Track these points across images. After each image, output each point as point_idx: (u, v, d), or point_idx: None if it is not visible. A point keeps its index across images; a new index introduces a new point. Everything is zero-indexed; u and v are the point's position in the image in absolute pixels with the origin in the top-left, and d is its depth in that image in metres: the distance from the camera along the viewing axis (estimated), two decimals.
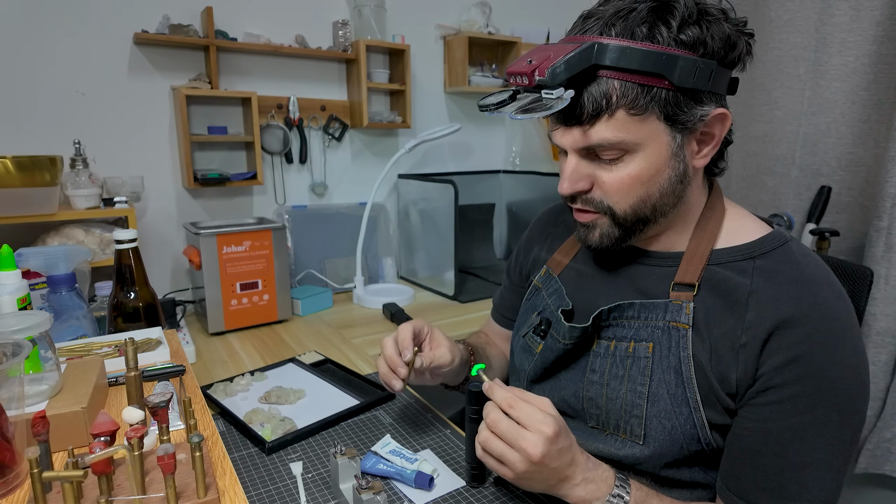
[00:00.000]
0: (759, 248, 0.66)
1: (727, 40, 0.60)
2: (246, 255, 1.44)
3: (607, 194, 0.65)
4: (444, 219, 1.75)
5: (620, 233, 0.68)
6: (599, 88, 0.59)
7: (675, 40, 0.57)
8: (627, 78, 0.58)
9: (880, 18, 1.46)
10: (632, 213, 0.65)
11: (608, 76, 0.58)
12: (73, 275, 1.06)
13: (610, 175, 0.64)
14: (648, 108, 0.59)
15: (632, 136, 0.60)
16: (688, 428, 0.65)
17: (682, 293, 0.67)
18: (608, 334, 0.71)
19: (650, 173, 0.63)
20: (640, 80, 0.58)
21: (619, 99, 0.59)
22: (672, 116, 0.60)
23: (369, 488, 0.67)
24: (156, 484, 0.54)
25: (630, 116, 0.59)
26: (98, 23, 1.45)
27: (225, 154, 1.68)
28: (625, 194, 0.64)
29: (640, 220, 0.66)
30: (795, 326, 0.60)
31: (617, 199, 0.65)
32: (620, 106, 0.59)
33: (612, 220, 0.67)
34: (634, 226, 0.67)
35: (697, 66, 0.58)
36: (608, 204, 0.66)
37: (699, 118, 0.61)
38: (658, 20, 0.58)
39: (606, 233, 0.68)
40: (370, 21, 1.76)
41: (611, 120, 0.60)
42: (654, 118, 0.60)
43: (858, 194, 1.57)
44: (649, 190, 0.64)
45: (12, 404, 0.57)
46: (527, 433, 0.59)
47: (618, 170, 0.63)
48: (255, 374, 1.10)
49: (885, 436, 1.42)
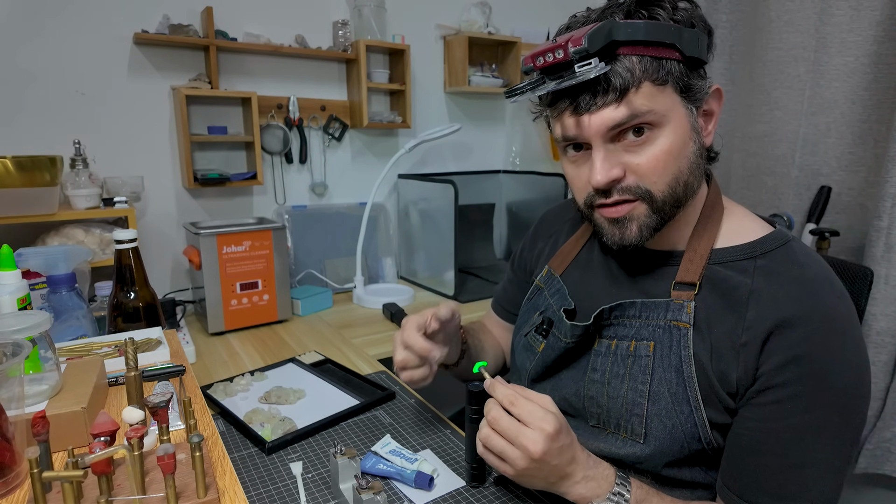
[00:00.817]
0: (760, 248, 0.66)
1: (705, 21, 0.64)
2: (246, 255, 1.44)
3: (644, 176, 0.63)
4: (444, 219, 1.75)
5: (657, 220, 0.66)
6: (623, 64, 0.60)
7: (672, 19, 0.60)
8: (644, 52, 0.60)
9: (880, 18, 1.46)
10: (669, 193, 0.64)
11: (627, 52, 0.60)
12: (73, 275, 1.06)
13: (641, 156, 0.63)
14: (667, 80, 0.61)
15: (659, 106, 0.61)
16: (688, 427, 0.65)
17: (683, 292, 0.67)
18: (609, 333, 0.71)
19: (679, 146, 0.63)
20: (655, 53, 0.60)
21: (642, 72, 0.60)
22: (686, 88, 0.62)
23: (369, 488, 0.67)
24: (156, 484, 0.54)
25: (654, 87, 0.61)
26: (98, 23, 1.45)
27: (225, 154, 1.68)
28: (661, 172, 0.63)
29: (675, 201, 0.65)
30: (796, 326, 0.60)
31: (655, 179, 0.63)
32: (644, 78, 0.60)
33: (651, 205, 0.65)
34: (671, 209, 0.66)
35: (699, 37, 0.62)
36: (646, 187, 0.64)
37: (704, 91, 0.64)
38: (651, 4, 0.61)
39: (644, 223, 0.65)
40: (370, 21, 1.76)
41: (638, 93, 0.60)
42: (671, 91, 0.62)
43: (858, 194, 1.57)
44: (680, 165, 0.64)
45: (12, 404, 0.57)
46: (528, 430, 0.60)
47: (649, 149, 0.63)
48: (255, 374, 1.10)
49: (885, 436, 1.42)
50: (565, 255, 0.84)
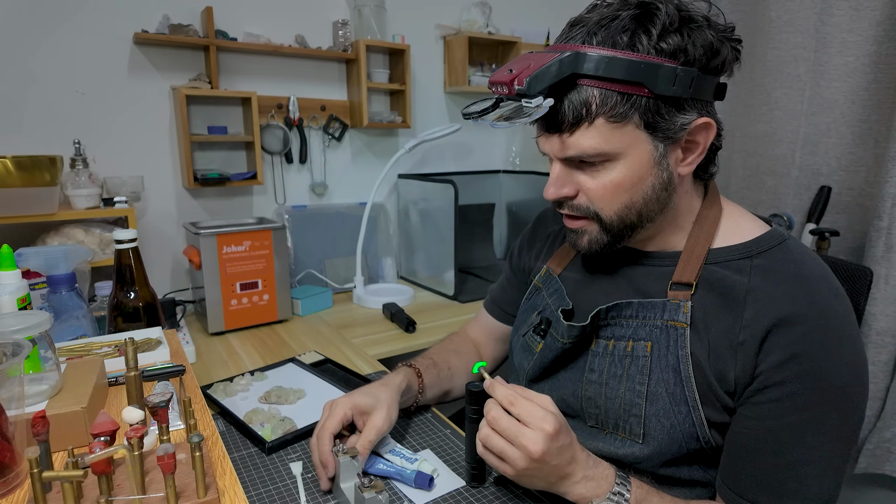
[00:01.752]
0: (756, 247, 0.66)
1: (710, 48, 0.60)
2: (246, 255, 1.44)
3: (592, 200, 0.66)
4: (444, 219, 1.75)
5: (609, 238, 0.68)
6: (579, 96, 0.60)
7: (655, 48, 0.58)
8: (607, 86, 0.59)
9: (880, 18, 1.46)
10: (618, 219, 0.66)
11: (588, 84, 0.59)
12: (73, 275, 1.06)
13: (593, 181, 0.65)
14: (628, 116, 0.60)
15: (611, 144, 0.61)
16: (686, 426, 0.65)
17: (679, 292, 0.67)
18: (607, 333, 0.71)
19: (632, 181, 0.63)
20: (620, 89, 0.59)
21: (598, 107, 0.59)
22: (652, 124, 0.61)
23: (371, 487, 0.67)
24: (156, 484, 0.54)
25: (610, 124, 0.60)
26: (98, 23, 1.45)
27: (225, 154, 1.68)
28: (609, 200, 0.65)
29: (627, 226, 0.67)
30: (793, 324, 0.60)
31: (602, 206, 0.66)
32: (600, 114, 0.60)
33: (600, 225, 0.68)
34: (622, 231, 0.68)
35: (677, 74, 0.59)
36: (594, 210, 0.67)
37: (680, 127, 0.62)
38: (639, 28, 0.58)
39: (595, 238, 0.69)
40: (370, 21, 1.76)
41: (590, 128, 0.60)
42: (633, 126, 0.61)
43: (858, 194, 1.57)
44: (633, 196, 0.65)
45: (12, 404, 0.57)
46: (527, 430, 0.60)
47: (600, 176, 0.64)
48: (255, 374, 1.10)
49: (885, 436, 1.42)
50: (563, 255, 0.85)
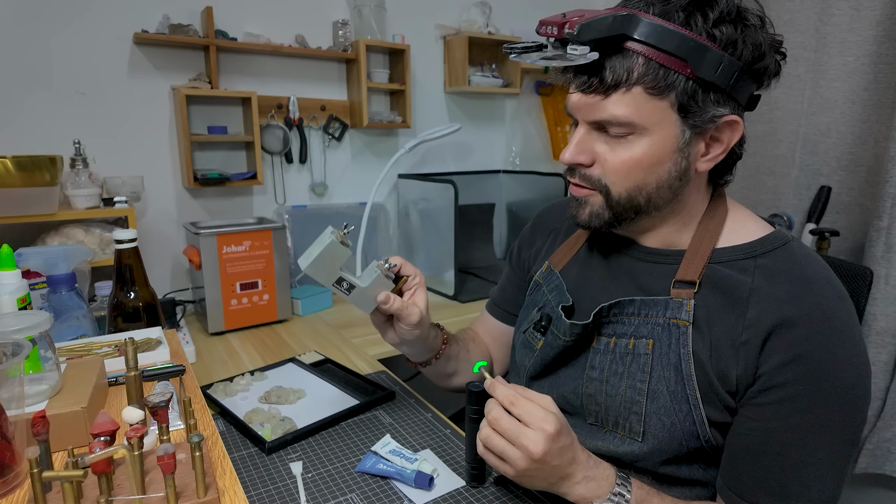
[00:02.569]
0: (760, 248, 0.66)
1: (759, 49, 0.61)
2: (246, 255, 1.44)
3: (606, 173, 0.66)
4: (444, 219, 1.75)
5: (610, 216, 0.68)
6: (624, 60, 0.59)
7: (707, 32, 0.59)
8: (652, 56, 0.59)
9: (880, 18, 1.46)
10: (626, 198, 0.66)
11: (635, 49, 0.59)
12: (73, 275, 1.06)
13: (612, 154, 0.64)
14: (665, 93, 0.60)
15: (643, 117, 0.61)
16: (687, 425, 0.65)
17: (682, 290, 0.67)
18: (608, 331, 0.71)
19: (651, 161, 0.63)
20: (664, 62, 0.59)
21: (640, 76, 0.59)
22: (685, 108, 0.61)
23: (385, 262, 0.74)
24: (156, 484, 0.54)
25: (646, 95, 0.60)
26: (98, 23, 1.45)
27: (225, 154, 1.68)
28: (623, 176, 0.64)
29: (632, 207, 0.66)
30: (796, 326, 0.60)
31: (614, 180, 0.65)
32: (640, 83, 0.59)
33: (606, 200, 0.67)
34: (626, 212, 0.67)
35: (722, 62, 0.59)
36: (605, 183, 0.66)
37: (710, 118, 0.62)
38: (696, 9, 0.59)
39: (597, 213, 0.68)
40: (370, 21, 1.76)
41: (627, 94, 0.60)
42: (668, 105, 0.61)
43: (858, 194, 1.57)
44: (647, 178, 0.64)
45: (12, 404, 0.57)
46: (528, 430, 0.59)
47: (621, 150, 0.63)
48: (255, 374, 1.10)
49: (885, 436, 1.42)
50: (565, 251, 0.84)
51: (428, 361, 0.89)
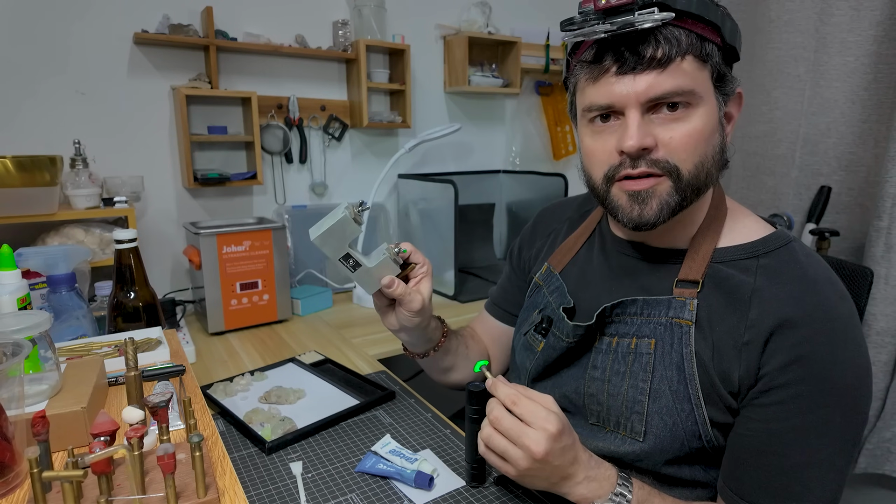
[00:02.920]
0: (762, 248, 0.66)
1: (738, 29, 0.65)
2: (246, 255, 1.44)
3: (674, 151, 0.62)
4: (444, 219, 1.75)
5: (678, 201, 0.64)
6: (671, 33, 0.60)
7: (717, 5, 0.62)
8: (692, 26, 0.60)
9: (880, 18, 1.46)
10: (694, 175, 0.63)
11: (676, 23, 0.59)
12: (73, 275, 1.06)
13: (675, 131, 0.62)
14: (707, 60, 0.61)
15: (699, 85, 0.61)
16: (689, 425, 0.65)
17: (685, 290, 0.67)
18: (610, 331, 0.71)
19: (709, 131, 0.63)
20: (701, 31, 0.60)
21: (688, 45, 0.60)
22: (721, 76, 0.63)
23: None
24: (156, 484, 0.54)
25: (697, 62, 0.61)
26: (98, 23, 1.45)
27: (225, 154, 1.68)
28: (691, 151, 0.63)
29: (697, 186, 0.64)
30: (798, 326, 0.60)
31: (684, 157, 0.62)
32: (689, 51, 0.60)
33: (676, 183, 0.63)
34: (691, 194, 0.64)
35: (737, 30, 0.63)
36: (674, 163, 0.62)
37: (732, 88, 0.65)
38: None
39: (665, 202, 0.63)
40: (370, 21, 1.76)
41: (682, 64, 0.60)
42: (708, 76, 0.62)
43: (858, 194, 1.57)
44: (707, 150, 0.64)
45: (12, 404, 0.57)
46: (530, 430, 0.59)
47: (680, 126, 0.62)
48: (255, 374, 1.10)
49: (885, 436, 1.42)
50: (565, 252, 0.84)
51: (426, 353, 0.89)
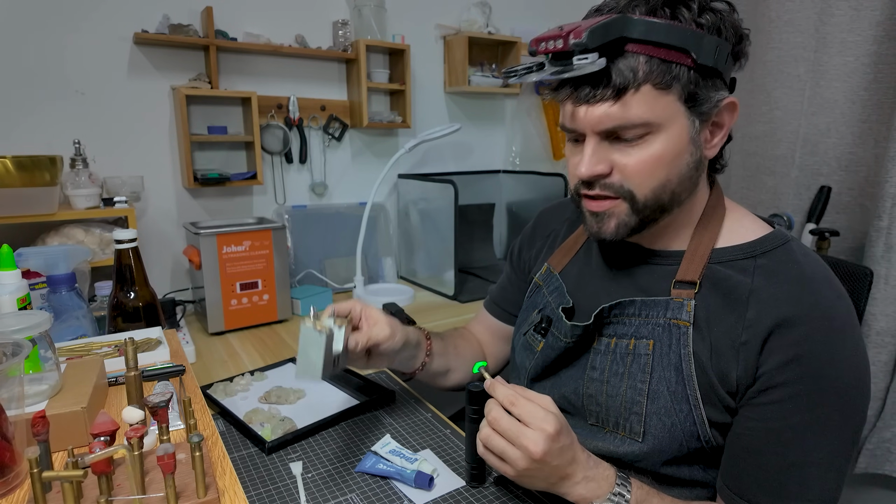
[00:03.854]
0: (760, 248, 0.66)
1: (738, 31, 0.63)
2: (246, 255, 1.44)
3: (629, 177, 0.64)
4: (444, 219, 1.75)
5: (637, 221, 0.66)
6: (627, 62, 0.59)
7: (695, 21, 0.59)
8: (653, 52, 0.59)
9: (880, 18, 1.46)
10: (652, 198, 0.64)
11: (635, 50, 0.59)
12: (73, 275, 1.06)
13: (631, 157, 0.63)
14: (672, 85, 0.60)
15: (656, 114, 0.61)
16: (688, 425, 0.65)
17: (683, 291, 0.67)
18: (609, 331, 0.71)
19: (671, 155, 0.63)
20: (665, 56, 0.59)
21: (645, 74, 0.59)
22: (692, 97, 0.61)
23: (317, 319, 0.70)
24: (156, 484, 0.54)
25: (655, 91, 0.60)
26: (98, 23, 1.45)
27: (225, 154, 1.68)
28: (647, 176, 0.63)
29: (658, 207, 0.65)
30: (796, 326, 0.60)
31: (639, 182, 0.64)
32: (647, 81, 0.59)
33: (631, 206, 0.65)
34: (652, 213, 0.66)
35: (718, 46, 0.60)
36: (629, 188, 0.64)
37: (715, 103, 0.63)
38: (678, 3, 0.59)
39: (623, 221, 0.66)
40: (370, 21, 1.76)
41: (636, 94, 0.60)
42: (675, 98, 0.61)
43: (858, 194, 1.57)
44: (669, 174, 0.64)
45: (12, 404, 0.57)
46: (528, 430, 0.59)
47: (638, 151, 0.62)
48: (255, 374, 1.10)
49: (885, 436, 1.42)
50: (564, 252, 0.84)
51: (423, 364, 0.89)
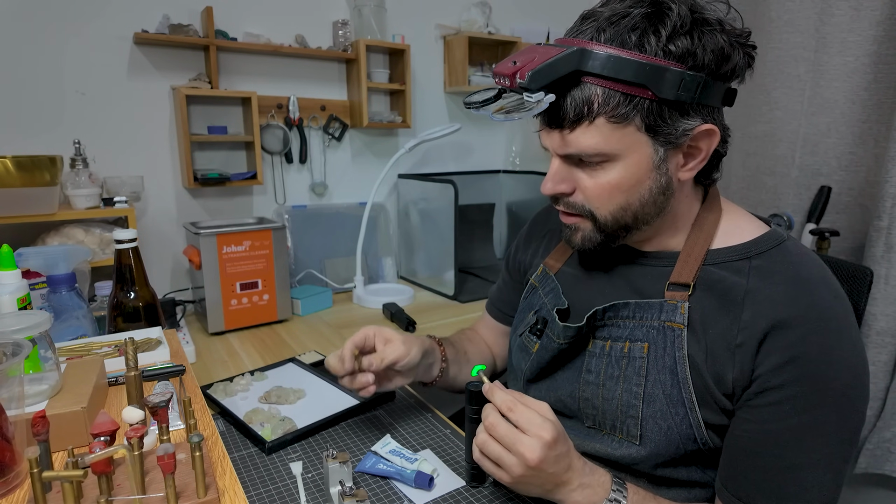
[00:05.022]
0: (755, 248, 0.66)
1: (720, 53, 0.59)
2: (246, 255, 1.44)
3: (588, 199, 0.66)
4: (444, 219, 1.75)
5: (602, 238, 0.69)
6: (582, 94, 0.59)
7: (663, 50, 0.57)
8: (610, 86, 0.58)
9: (880, 18, 1.46)
10: (612, 220, 0.66)
11: (592, 82, 0.59)
12: (73, 275, 1.06)
13: (590, 181, 0.65)
14: (630, 117, 0.59)
15: (611, 145, 0.61)
16: (684, 428, 0.65)
17: (677, 293, 0.67)
18: (603, 334, 0.71)
19: (630, 183, 0.63)
20: (624, 89, 0.58)
21: (600, 106, 0.59)
22: (654, 127, 0.60)
23: (353, 496, 0.67)
24: (156, 484, 0.54)
25: (611, 124, 0.60)
26: (98, 23, 1.45)
27: (225, 154, 1.68)
28: (605, 200, 0.65)
29: (621, 227, 0.67)
30: (792, 327, 0.60)
31: (598, 205, 0.66)
32: (601, 113, 0.59)
33: (594, 224, 0.68)
34: (616, 232, 0.68)
35: (683, 79, 0.58)
36: (589, 209, 0.67)
37: (682, 132, 0.61)
38: (649, 27, 0.57)
39: (589, 237, 0.69)
40: (370, 21, 1.76)
41: (591, 126, 0.60)
42: (634, 129, 0.60)
43: (858, 194, 1.57)
44: (629, 199, 0.65)
45: (12, 404, 0.57)
46: (525, 437, 0.59)
47: (598, 176, 0.64)
48: (255, 374, 1.10)
49: (885, 436, 1.42)
50: (560, 254, 0.85)
51: (440, 372, 0.91)
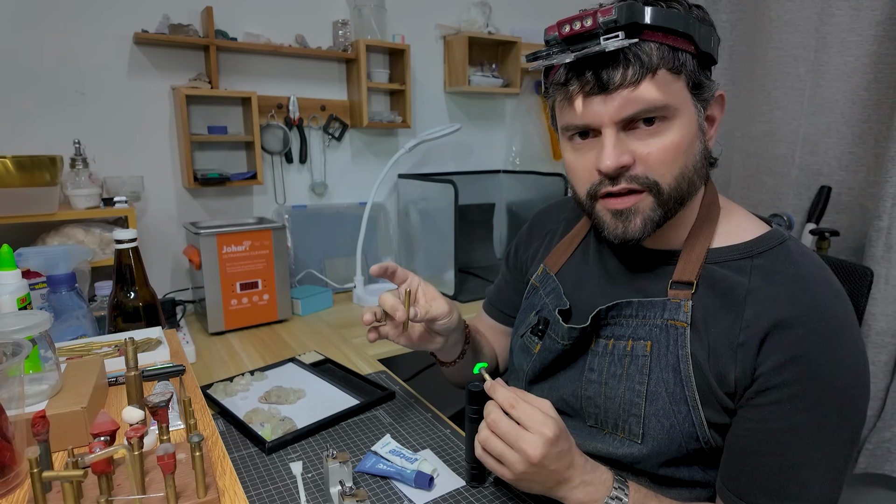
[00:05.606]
0: (756, 248, 0.66)
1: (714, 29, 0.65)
2: (246, 255, 1.44)
3: (652, 167, 0.63)
4: (444, 219, 1.75)
5: (661, 215, 0.65)
6: (641, 48, 0.60)
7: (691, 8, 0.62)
8: (663, 39, 0.60)
9: (880, 18, 1.46)
10: (675, 188, 0.64)
11: (647, 38, 0.60)
12: (73, 274, 1.06)
13: (652, 146, 0.62)
14: (682, 71, 0.61)
15: (673, 98, 0.61)
16: (686, 427, 0.65)
17: (680, 291, 0.67)
18: (606, 333, 0.71)
19: (687, 142, 0.63)
20: (673, 43, 0.60)
21: (660, 58, 0.60)
22: (697, 84, 0.63)
23: (353, 496, 0.67)
24: (156, 484, 0.54)
25: (670, 75, 0.61)
26: (98, 23, 1.45)
27: (225, 154, 1.68)
28: (669, 164, 0.63)
29: (679, 198, 0.65)
30: (793, 326, 0.60)
31: (663, 171, 0.63)
32: (661, 65, 0.60)
33: (657, 198, 0.64)
34: (674, 205, 0.65)
35: (713, 35, 0.63)
36: (654, 178, 0.63)
37: (712, 93, 0.65)
38: None
39: (649, 217, 0.64)
40: (370, 21, 1.77)
41: (654, 79, 0.60)
42: (683, 85, 0.62)
43: (858, 194, 1.57)
44: (687, 161, 0.64)
45: (12, 404, 0.57)
46: (527, 434, 0.59)
47: (657, 140, 0.62)
48: (255, 374, 1.10)
49: (885, 436, 1.42)
50: (561, 253, 0.84)
51: (462, 352, 0.88)
